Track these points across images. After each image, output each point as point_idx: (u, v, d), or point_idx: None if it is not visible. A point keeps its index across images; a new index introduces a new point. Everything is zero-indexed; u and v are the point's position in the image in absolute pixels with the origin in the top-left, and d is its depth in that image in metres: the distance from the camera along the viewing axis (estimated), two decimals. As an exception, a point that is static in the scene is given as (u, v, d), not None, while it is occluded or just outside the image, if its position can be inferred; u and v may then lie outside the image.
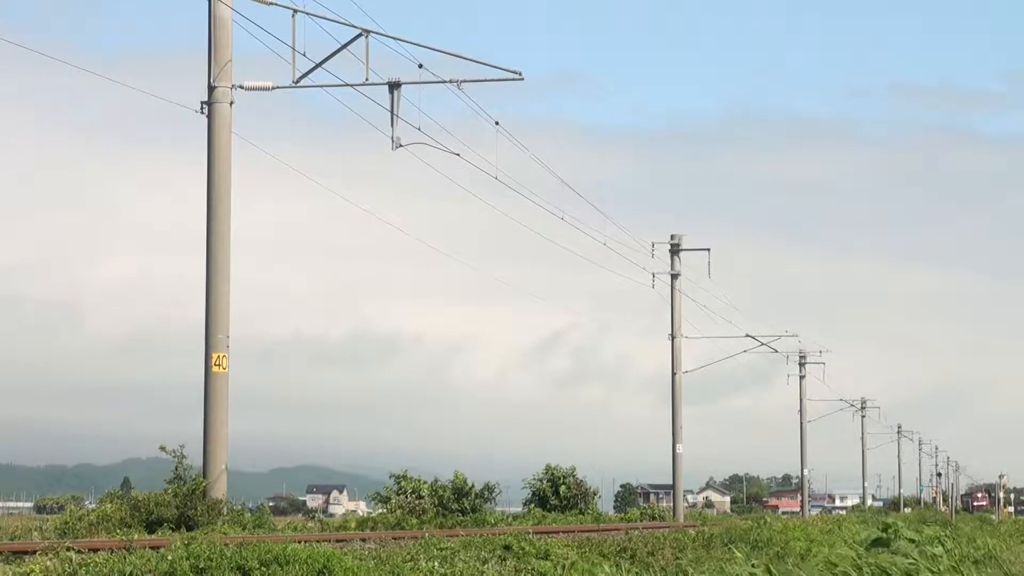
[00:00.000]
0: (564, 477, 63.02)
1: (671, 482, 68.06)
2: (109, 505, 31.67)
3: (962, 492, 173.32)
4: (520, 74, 34.27)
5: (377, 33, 33.40)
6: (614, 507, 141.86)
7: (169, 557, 19.60)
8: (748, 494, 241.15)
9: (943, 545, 40.57)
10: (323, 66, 33.64)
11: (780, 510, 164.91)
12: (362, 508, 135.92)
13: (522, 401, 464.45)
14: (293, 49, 32.97)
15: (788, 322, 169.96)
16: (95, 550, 20.96)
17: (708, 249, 64.73)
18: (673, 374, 66.22)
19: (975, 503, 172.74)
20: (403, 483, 54.04)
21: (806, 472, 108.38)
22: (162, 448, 31.56)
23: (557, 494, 62.41)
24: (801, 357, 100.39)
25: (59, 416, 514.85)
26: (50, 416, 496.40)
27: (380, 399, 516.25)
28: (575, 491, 62.62)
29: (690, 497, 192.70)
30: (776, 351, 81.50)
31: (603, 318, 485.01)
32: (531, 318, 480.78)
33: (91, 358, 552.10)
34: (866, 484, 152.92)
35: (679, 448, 65.40)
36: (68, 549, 20.17)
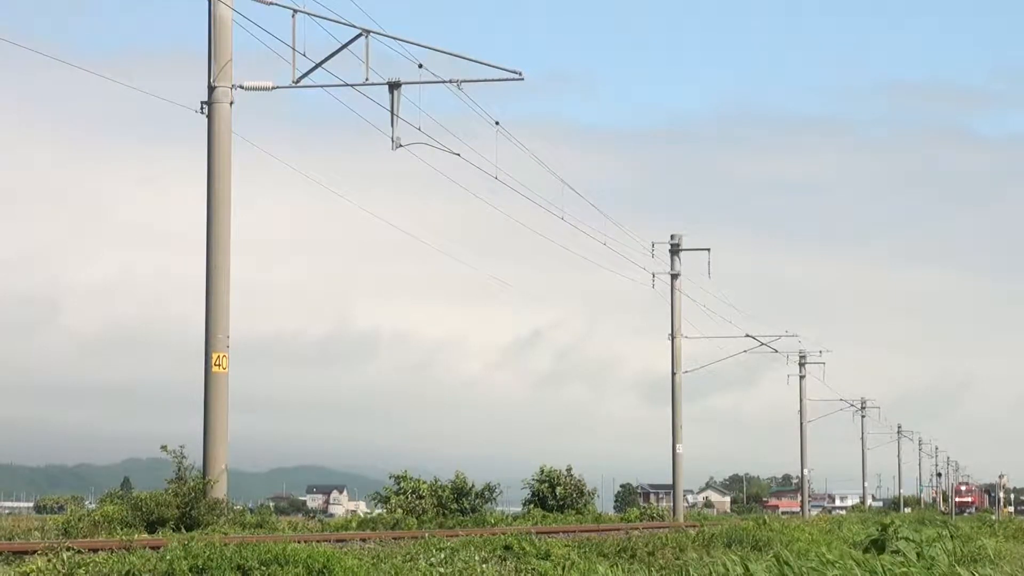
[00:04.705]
0: (559, 477, 63.00)
1: (671, 482, 68.11)
2: (110, 505, 31.69)
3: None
4: (520, 74, 34.32)
5: (377, 33, 33.46)
6: (614, 507, 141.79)
7: (168, 557, 19.61)
8: (748, 494, 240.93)
9: (942, 545, 40.44)
10: (323, 66, 33.70)
11: (780, 510, 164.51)
12: (362, 508, 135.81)
13: (523, 401, 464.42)
14: (293, 49, 33.03)
15: (788, 322, 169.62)
16: (95, 550, 20.97)
17: (708, 249, 64.97)
18: (673, 374, 66.23)
19: (958, 498, 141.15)
20: (403, 483, 54.02)
21: (806, 472, 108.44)
22: (164, 448, 31.58)
23: (555, 494, 62.41)
24: (801, 357, 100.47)
25: (59, 416, 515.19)
26: (50, 416, 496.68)
27: (380, 399, 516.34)
28: (571, 490, 62.56)
29: (690, 497, 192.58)
30: (776, 351, 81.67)
31: (602, 318, 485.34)
32: (531, 318, 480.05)
33: (92, 358, 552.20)
34: (866, 484, 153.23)
35: (679, 448, 65.43)
36: (67, 549, 20.16)
